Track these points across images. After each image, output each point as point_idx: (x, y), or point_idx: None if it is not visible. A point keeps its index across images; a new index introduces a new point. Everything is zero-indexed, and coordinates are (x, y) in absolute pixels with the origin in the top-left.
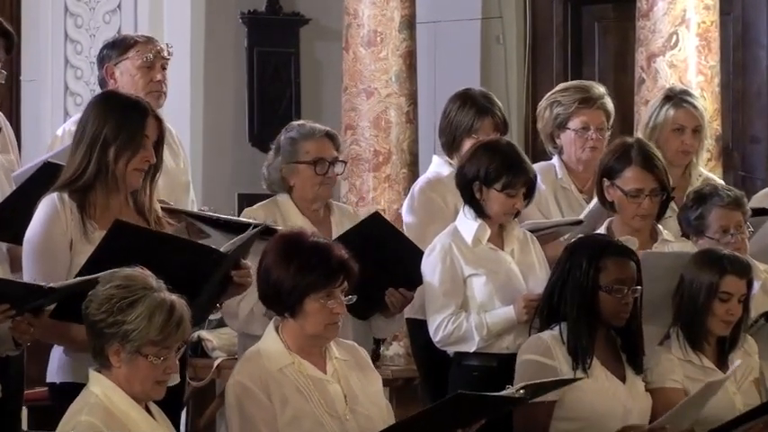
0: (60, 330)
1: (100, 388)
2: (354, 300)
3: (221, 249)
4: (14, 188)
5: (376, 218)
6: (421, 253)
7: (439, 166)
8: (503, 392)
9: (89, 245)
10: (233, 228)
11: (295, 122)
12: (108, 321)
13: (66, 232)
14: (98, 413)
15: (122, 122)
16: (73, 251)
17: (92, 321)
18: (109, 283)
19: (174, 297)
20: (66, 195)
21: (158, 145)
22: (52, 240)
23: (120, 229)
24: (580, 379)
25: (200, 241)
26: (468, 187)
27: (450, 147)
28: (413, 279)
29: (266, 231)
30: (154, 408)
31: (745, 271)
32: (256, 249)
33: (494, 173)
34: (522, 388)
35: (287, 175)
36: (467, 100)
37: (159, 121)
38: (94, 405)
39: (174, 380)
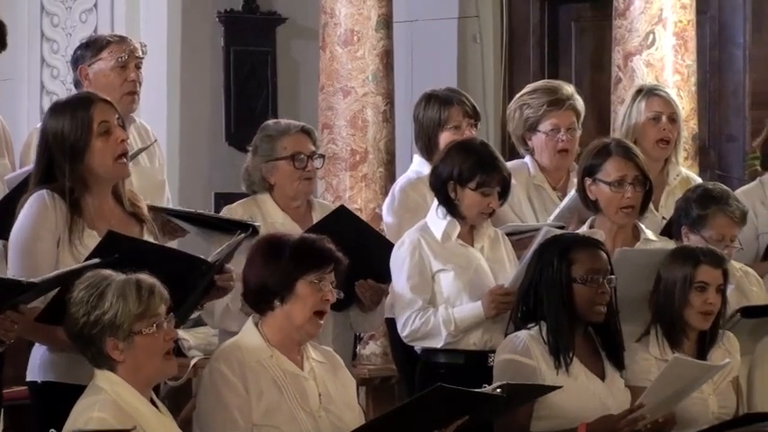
0: (47, 329)
1: (108, 384)
2: (342, 295)
3: (209, 259)
4: (7, 191)
5: (341, 211)
6: (390, 245)
7: (420, 166)
8: (482, 389)
9: (77, 243)
10: (212, 224)
11: (270, 121)
12: (90, 321)
13: (55, 230)
14: (109, 409)
15: (73, 119)
16: (60, 248)
17: (77, 332)
18: (76, 290)
19: (132, 274)
20: (55, 193)
21: (122, 126)
22: (40, 237)
23: (113, 240)
24: (559, 387)
25: (178, 238)
26: (443, 187)
27: (428, 148)
28: (383, 271)
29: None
30: (158, 401)
31: (719, 261)
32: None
33: (468, 172)
34: (498, 387)
35: (266, 173)
36: (430, 98)
37: (110, 103)
38: (105, 401)
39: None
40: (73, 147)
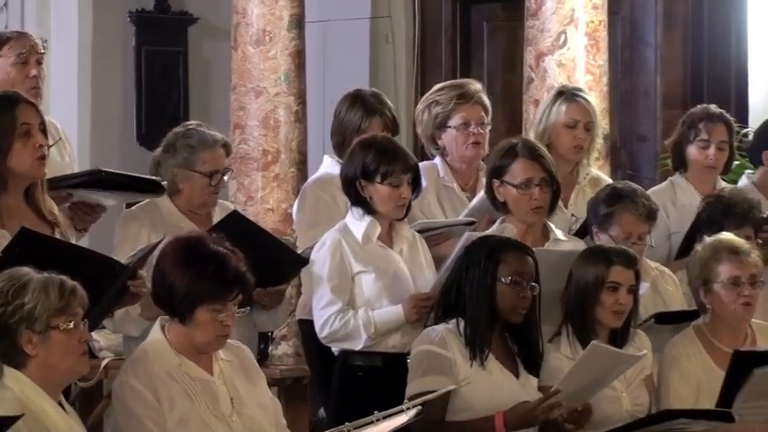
0: None
1: (15, 383)
2: (248, 311)
3: (122, 261)
4: None
5: (234, 216)
6: (285, 246)
7: (329, 167)
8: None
9: None
10: (119, 184)
11: (193, 127)
12: (8, 311)
13: None
14: (14, 408)
15: None
16: None
17: None
18: None
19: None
20: None
21: (43, 130)
22: None
23: (26, 237)
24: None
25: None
26: (352, 187)
27: (341, 147)
28: (281, 272)
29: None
30: (66, 404)
31: (631, 261)
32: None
33: (371, 165)
34: (414, 406)
35: (178, 179)
36: (356, 100)
37: (34, 106)
38: (11, 400)
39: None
40: None
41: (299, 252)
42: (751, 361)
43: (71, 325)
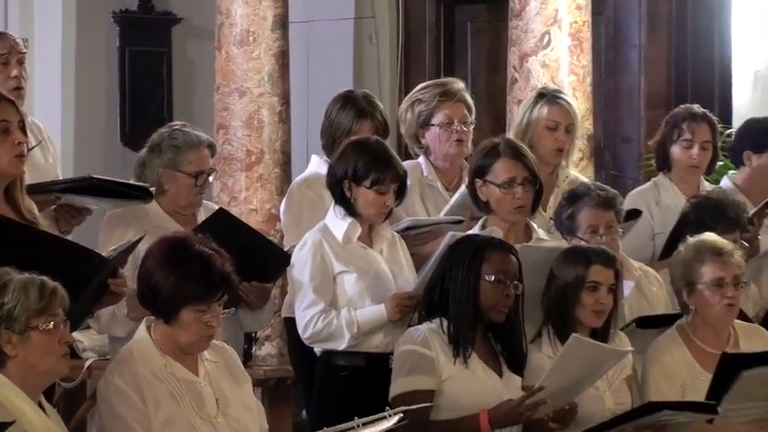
0: None
1: None
2: (233, 312)
3: (104, 254)
4: None
5: (221, 214)
6: (272, 244)
7: (317, 166)
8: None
9: None
10: (106, 190)
11: (178, 127)
12: None
13: None
14: None
15: None
16: None
17: None
18: None
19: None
20: None
21: (22, 128)
22: None
23: (4, 226)
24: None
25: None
26: (339, 186)
27: (330, 148)
28: (267, 271)
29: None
30: (47, 405)
31: (610, 261)
32: None
33: (362, 170)
34: (396, 413)
35: (164, 179)
36: (348, 102)
37: (14, 103)
38: None
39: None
40: None
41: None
42: (739, 363)
43: (51, 325)
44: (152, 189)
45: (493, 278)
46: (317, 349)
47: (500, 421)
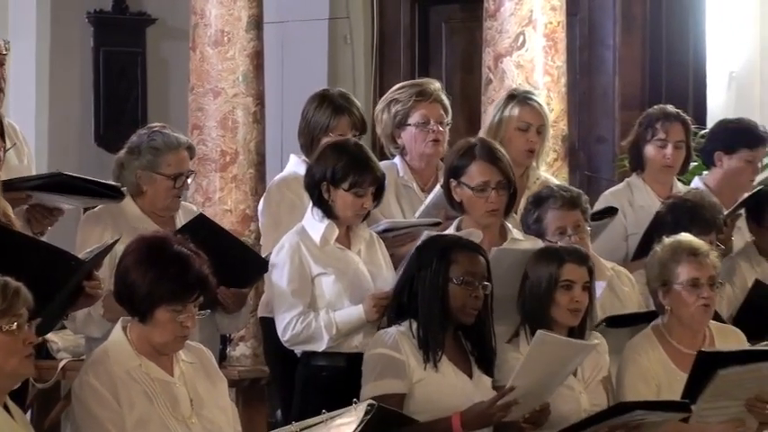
0: None
1: None
2: (208, 314)
3: (80, 256)
4: None
5: (200, 219)
6: (249, 249)
7: (296, 166)
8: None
9: None
10: (78, 188)
11: (158, 129)
12: None
13: None
14: None
15: None
16: None
17: None
18: None
19: None
20: None
21: (0, 134)
22: None
23: None
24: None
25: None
26: (317, 188)
27: (309, 147)
28: (244, 275)
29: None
30: (12, 406)
31: (583, 259)
32: None
33: (341, 172)
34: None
35: (142, 181)
36: (324, 100)
37: None
38: None
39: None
40: None
41: (263, 255)
42: (715, 362)
43: (14, 326)
44: (124, 189)
45: (461, 280)
46: (298, 351)
47: (472, 423)
